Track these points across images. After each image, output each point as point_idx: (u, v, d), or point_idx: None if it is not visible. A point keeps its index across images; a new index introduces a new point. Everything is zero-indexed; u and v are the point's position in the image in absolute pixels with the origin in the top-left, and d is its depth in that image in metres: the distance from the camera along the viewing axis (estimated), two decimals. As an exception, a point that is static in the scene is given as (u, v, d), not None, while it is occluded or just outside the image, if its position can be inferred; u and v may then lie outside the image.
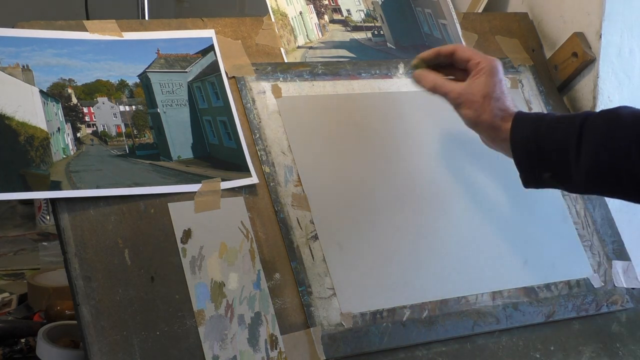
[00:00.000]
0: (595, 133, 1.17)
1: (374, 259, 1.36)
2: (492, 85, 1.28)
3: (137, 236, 1.23)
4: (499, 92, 1.28)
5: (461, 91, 1.30)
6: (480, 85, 1.28)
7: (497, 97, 1.28)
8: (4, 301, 1.78)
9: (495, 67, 1.29)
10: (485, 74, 1.29)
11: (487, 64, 1.29)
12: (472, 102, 1.29)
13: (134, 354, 1.16)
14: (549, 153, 1.21)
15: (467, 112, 1.30)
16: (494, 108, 1.27)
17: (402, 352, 1.31)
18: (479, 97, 1.28)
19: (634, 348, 1.46)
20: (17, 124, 1.22)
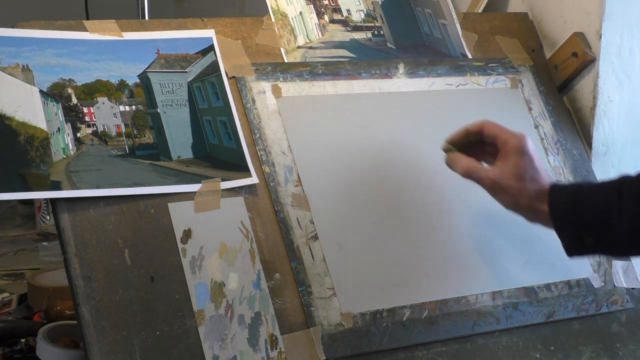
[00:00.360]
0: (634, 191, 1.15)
1: (374, 259, 1.36)
2: (523, 165, 1.24)
3: (137, 236, 1.23)
4: (531, 171, 1.24)
5: (494, 177, 1.26)
6: (511, 167, 1.24)
7: (530, 177, 1.24)
8: (4, 301, 1.78)
9: (524, 145, 1.25)
10: (514, 154, 1.25)
11: (514, 143, 1.25)
12: (507, 188, 1.25)
13: (134, 354, 1.16)
14: (590, 219, 1.18)
15: (503, 197, 1.26)
16: (529, 190, 1.24)
17: (402, 352, 1.31)
18: (512, 181, 1.24)
19: (634, 348, 1.47)
20: (17, 124, 1.22)
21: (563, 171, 1.58)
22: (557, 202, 1.22)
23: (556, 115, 1.63)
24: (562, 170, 1.58)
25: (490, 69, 1.62)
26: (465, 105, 1.56)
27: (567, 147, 1.60)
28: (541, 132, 1.60)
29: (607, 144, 1.66)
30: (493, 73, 1.62)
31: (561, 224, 1.21)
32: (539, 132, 1.60)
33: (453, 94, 1.57)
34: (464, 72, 1.59)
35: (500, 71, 1.63)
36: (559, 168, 1.58)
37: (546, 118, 1.62)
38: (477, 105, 1.57)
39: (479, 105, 1.58)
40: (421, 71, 1.56)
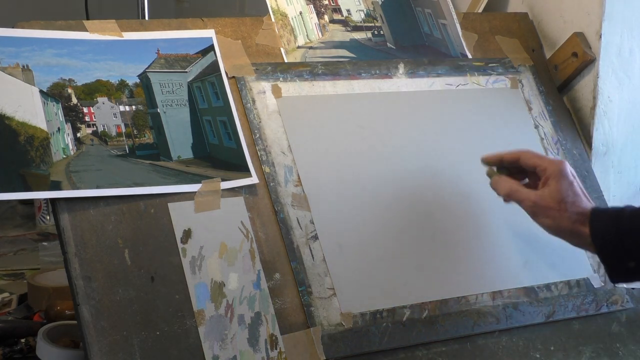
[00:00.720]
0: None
1: (374, 259, 1.36)
2: (564, 189, 1.25)
3: (137, 236, 1.23)
4: (572, 195, 1.25)
5: (535, 200, 1.26)
6: (552, 192, 1.25)
7: (571, 201, 1.25)
8: (4, 301, 1.78)
9: (563, 170, 1.26)
10: (554, 178, 1.26)
11: (553, 169, 1.26)
12: (548, 210, 1.25)
13: (134, 354, 1.16)
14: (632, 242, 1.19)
15: (544, 220, 1.27)
16: (571, 214, 1.24)
17: (402, 352, 1.31)
18: (553, 204, 1.25)
19: (634, 348, 1.46)
20: (17, 124, 1.22)
21: (563, 171, 1.57)
22: (598, 225, 1.22)
23: (556, 115, 1.63)
24: (562, 170, 1.57)
25: (490, 69, 1.62)
26: (466, 105, 1.56)
27: (567, 147, 1.60)
28: (541, 132, 1.60)
29: (607, 144, 1.66)
30: (493, 73, 1.62)
31: (603, 247, 1.21)
32: (539, 132, 1.60)
33: (453, 94, 1.57)
34: (464, 72, 1.59)
35: (500, 71, 1.63)
36: (559, 168, 1.57)
37: (546, 118, 1.62)
38: (477, 105, 1.57)
39: (479, 105, 1.58)
40: (421, 71, 1.56)
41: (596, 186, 1.59)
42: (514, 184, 1.30)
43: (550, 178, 1.26)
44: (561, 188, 1.25)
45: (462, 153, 1.51)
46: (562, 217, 1.25)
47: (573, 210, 1.24)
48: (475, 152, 1.52)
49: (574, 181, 1.26)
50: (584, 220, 1.23)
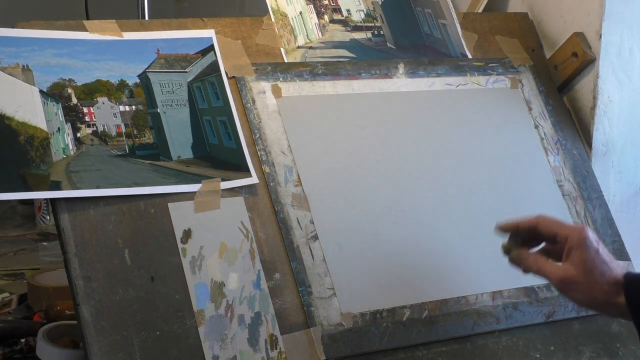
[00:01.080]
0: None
1: (374, 259, 1.36)
2: (590, 260, 1.18)
3: (137, 236, 1.23)
4: (600, 264, 1.18)
5: (562, 276, 1.19)
6: (578, 265, 1.18)
7: (600, 272, 1.17)
8: (4, 301, 1.78)
9: (585, 238, 1.19)
10: (578, 249, 1.19)
11: (576, 237, 1.19)
12: (577, 285, 1.18)
13: (134, 354, 1.16)
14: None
15: (576, 295, 1.20)
16: (602, 285, 1.17)
17: (402, 352, 1.31)
18: (581, 277, 1.18)
19: (634, 348, 1.46)
20: (17, 124, 1.22)
21: (563, 171, 1.58)
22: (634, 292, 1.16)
23: (556, 115, 1.63)
24: (562, 170, 1.58)
25: (490, 69, 1.62)
26: (465, 105, 1.56)
27: (567, 147, 1.60)
28: (541, 132, 1.60)
29: (607, 144, 1.66)
30: (493, 73, 1.62)
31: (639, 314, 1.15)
32: (539, 132, 1.60)
33: (453, 94, 1.57)
34: (464, 72, 1.59)
35: (500, 71, 1.63)
36: (559, 168, 1.58)
37: (546, 118, 1.62)
38: (477, 105, 1.57)
39: (479, 105, 1.58)
40: (421, 71, 1.56)
41: (596, 186, 1.59)
42: (538, 260, 1.23)
43: (574, 249, 1.19)
44: (587, 259, 1.18)
45: (462, 153, 1.51)
46: (592, 290, 1.18)
47: (603, 281, 1.17)
48: (475, 152, 1.52)
49: (599, 248, 1.19)
50: (616, 289, 1.17)
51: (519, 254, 1.24)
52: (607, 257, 1.19)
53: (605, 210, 1.58)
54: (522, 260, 1.24)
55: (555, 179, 1.56)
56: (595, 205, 1.57)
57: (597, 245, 1.19)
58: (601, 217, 1.56)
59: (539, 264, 1.22)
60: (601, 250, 1.19)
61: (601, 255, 1.19)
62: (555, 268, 1.21)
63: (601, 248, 1.19)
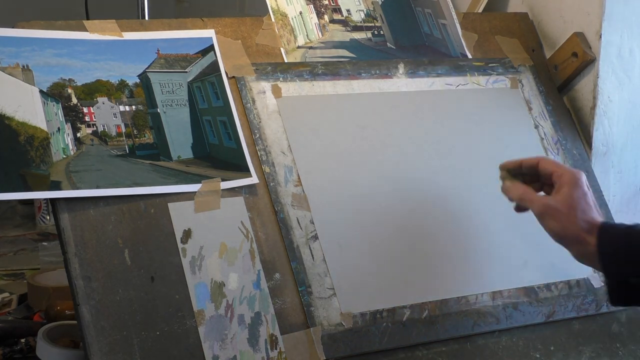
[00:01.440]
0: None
1: (374, 259, 1.36)
2: (576, 197, 1.24)
3: (137, 236, 1.23)
4: (584, 204, 1.24)
5: (546, 202, 1.25)
6: (565, 197, 1.24)
7: (582, 209, 1.23)
8: (4, 301, 1.78)
9: (579, 179, 1.25)
10: (568, 185, 1.24)
11: (569, 176, 1.25)
12: (557, 214, 1.24)
13: (134, 354, 1.16)
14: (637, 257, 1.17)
15: (552, 223, 1.25)
16: (579, 220, 1.22)
17: (402, 352, 1.31)
18: (564, 208, 1.23)
19: (634, 348, 1.46)
20: (17, 124, 1.22)
21: (563, 171, 1.57)
22: (607, 236, 1.20)
23: (556, 115, 1.63)
24: (562, 170, 1.57)
25: (490, 69, 1.62)
26: (465, 105, 1.56)
27: (567, 147, 1.60)
28: (541, 132, 1.60)
29: (607, 144, 1.66)
30: (493, 73, 1.62)
31: (608, 258, 1.19)
32: (539, 132, 1.60)
33: (453, 94, 1.57)
34: (464, 72, 1.59)
35: (500, 71, 1.63)
36: (559, 168, 1.57)
37: (546, 118, 1.62)
38: (477, 105, 1.57)
39: (479, 105, 1.58)
40: (421, 71, 1.56)
41: (596, 186, 1.59)
42: (526, 188, 1.29)
43: (565, 185, 1.25)
44: (574, 195, 1.23)
45: (462, 153, 1.51)
46: (570, 222, 1.23)
47: (582, 217, 1.22)
48: (475, 152, 1.52)
49: (588, 192, 1.25)
50: (591, 229, 1.22)
51: (509, 184, 1.30)
52: (592, 203, 1.25)
53: (605, 210, 1.58)
54: (512, 188, 1.30)
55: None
56: (595, 205, 1.57)
57: (588, 190, 1.25)
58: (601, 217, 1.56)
59: (525, 192, 1.28)
60: (590, 195, 1.25)
61: (588, 198, 1.24)
62: (540, 197, 1.27)
63: (590, 194, 1.25)
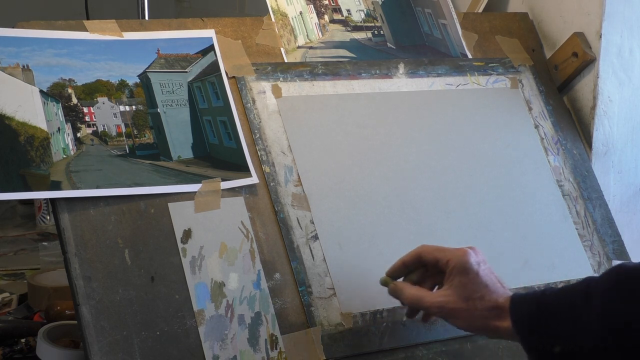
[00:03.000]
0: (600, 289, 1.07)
1: (374, 259, 1.36)
2: (469, 284, 1.16)
3: (137, 236, 1.23)
4: (478, 288, 1.16)
5: (441, 303, 1.17)
6: (458, 289, 1.16)
7: (479, 296, 1.15)
8: (4, 301, 1.78)
9: (466, 262, 1.17)
10: (457, 274, 1.17)
11: (455, 262, 1.17)
12: (457, 312, 1.16)
13: (134, 354, 1.16)
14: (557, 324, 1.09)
15: (456, 322, 1.18)
16: (482, 309, 1.15)
17: (402, 352, 1.31)
18: (460, 303, 1.16)
19: (634, 348, 1.46)
20: (17, 124, 1.22)
21: (563, 171, 1.58)
22: (520, 313, 1.13)
23: (556, 115, 1.63)
24: (562, 170, 1.58)
25: (490, 69, 1.62)
26: (465, 105, 1.56)
27: (567, 147, 1.60)
28: (541, 132, 1.60)
29: (607, 144, 1.66)
30: (493, 73, 1.62)
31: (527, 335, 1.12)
32: (539, 132, 1.60)
33: (453, 94, 1.57)
34: (464, 72, 1.59)
35: (500, 71, 1.63)
36: (559, 168, 1.58)
37: (546, 118, 1.62)
38: (477, 105, 1.57)
39: (479, 105, 1.58)
40: (421, 71, 1.56)
41: (596, 186, 1.59)
42: (415, 290, 1.20)
43: (454, 273, 1.17)
44: (466, 283, 1.16)
45: (462, 153, 1.51)
46: (472, 315, 1.15)
47: (482, 306, 1.15)
48: (475, 152, 1.52)
49: (479, 271, 1.16)
50: (500, 313, 1.14)
51: (395, 285, 1.23)
52: (489, 280, 1.17)
53: (605, 210, 1.58)
54: (400, 291, 1.22)
55: (555, 179, 1.56)
56: (595, 205, 1.57)
57: (478, 268, 1.17)
58: (601, 217, 1.56)
59: (415, 295, 1.20)
60: (482, 272, 1.17)
61: (481, 278, 1.16)
62: (433, 297, 1.19)
63: (482, 270, 1.17)
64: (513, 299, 1.15)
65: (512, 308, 1.14)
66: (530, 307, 1.13)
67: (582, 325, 1.07)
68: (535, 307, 1.12)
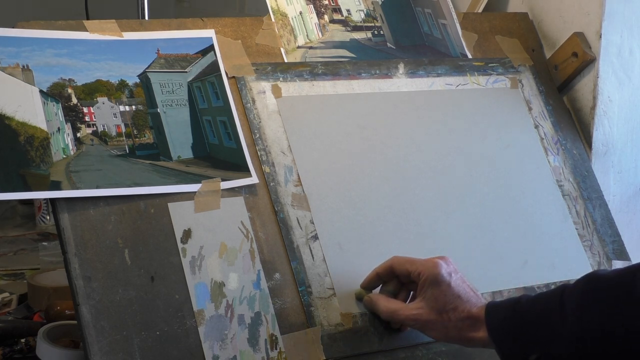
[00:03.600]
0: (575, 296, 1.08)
1: (374, 259, 1.35)
2: (441, 295, 1.16)
3: (137, 236, 1.23)
4: (451, 299, 1.16)
5: (415, 316, 1.18)
6: (430, 300, 1.17)
7: (452, 307, 1.16)
8: (4, 301, 1.78)
9: (437, 274, 1.17)
10: (429, 286, 1.17)
11: (427, 274, 1.18)
12: (431, 323, 1.17)
13: (134, 354, 1.16)
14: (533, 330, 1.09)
15: (431, 333, 1.19)
16: (456, 320, 1.15)
17: (402, 352, 1.31)
18: (433, 315, 1.17)
19: (634, 348, 1.46)
20: (17, 124, 1.22)
21: (563, 171, 1.58)
22: (496, 320, 1.13)
23: (556, 115, 1.63)
24: (562, 170, 1.58)
25: (490, 69, 1.62)
26: (465, 105, 1.56)
27: (567, 147, 1.60)
28: (541, 132, 1.60)
29: (607, 144, 1.66)
30: (493, 73, 1.62)
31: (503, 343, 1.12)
32: (539, 132, 1.60)
33: (453, 94, 1.57)
34: (464, 72, 1.59)
35: (500, 71, 1.63)
36: (559, 168, 1.58)
37: (546, 118, 1.62)
38: (477, 105, 1.57)
39: (479, 105, 1.58)
40: (421, 71, 1.56)
41: (596, 186, 1.59)
42: (390, 303, 1.22)
43: (426, 285, 1.18)
44: (438, 294, 1.16)
45: (462, 153, 1.51)
46: (446, 327, 1.16)
47: (455, 317, 1.16)
48: (475, 152, 1.52)
49: (451, 282, 1.17)
50: (472, 323, 1.15)
51: (370, 298, 1.25)
52: (461, 290, 1.17)
53: (605, 210, 1.58)
54: (374, 304, 1.24)
55: (555, 179, 1.56)
56: (595, 205, 1.57)
57: (450, 279, 1.17)
58: (601, 217, 1.56)
59: (389, 308, 1.22)
60: (454, 283, 1.17)
61: (453, 289, 1.17)
62: (407, 310, 1.20)
63: (454, 281, 1.17)
64: (488, 308, 1.15)
65: (488, 316, 1.14)
66: (506, 313, 1.13)
67: (557, 332, 1.07)
68: (511, 313, 1.12)
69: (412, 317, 1.19)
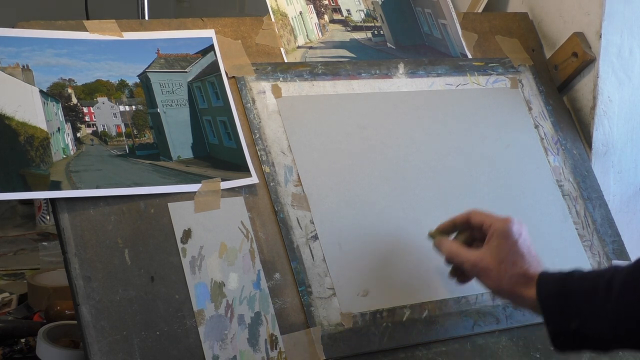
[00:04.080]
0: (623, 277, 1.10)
1: (374, 259, 1.36)
2: (505, 249, 1.21)
3: (137, 236, 1.23)
4: (513, 254, 1.21)
5: (475, 260, 1.23)
6: (494, 250, 1.22)
7: (512, 261, 1.21)
8: (4, 301, 1.78)
9: (508, 230, 1.22)
10: (497, 237, 1.23)
11: (498, 227, 1.23)
12: (488, 271, 1.22)
13: (134, 354, 1.16)
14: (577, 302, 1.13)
15: (485, 281, 1.24)
16: (512, 275, 1.20)
17: (402, 352, 1.31)
18: (493, 264, 1.21)
19: (634, 348, 1.46)
20: (17, 124, 1.22)
21: (563, 171, 1.58)
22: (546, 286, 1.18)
23: (556, 115, 1.63)
24: (562, 170, 1.58)
25: (490, 69, 1.62)
26: (465, 105, 1.56)
27: (567, 147, 1.60)
28: (541, 132, 1.60)
29: (607, 144, 1.66)
30: (493, 73, 1.62)
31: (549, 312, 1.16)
32: (539, 132, 1.60)
33: (453, 94, 1.57)
34: (464, 72, 1.59)
35: (500, 71, 1.63)
36: (559, 168, 1.58)
37: (546, 118, 1.62)
38: (477, 105, 1.57)
39: (479, 105, 1.58)
40: (421, 71, 1.56)
41: (596, 186, 1.59)
42: (454, 245, 1.28)
43: (494, 236, 1.23)
44: (503, 247, 1.21)
45: (462, 153, 1.51)
46: (501, 278, 1.21)
47: (513, 271, 1.20)
48: (475, 152, 1.52)
49: (518, 240, 1.22)
50: (527, 282, 1.19)
51: (439, 240, 1.30)
52: (525, 250, 1.22)
53: (605, 210, 1.58)
54: (441, 245, 1.30)
55: (555, 179, 1.56)
56: (595, 205, 1.57)
57: (518, 237, 1.22)
58: (601, 217, 1.56)
59: (454, 249, 1.28)
60: (521, 242, 1.22)
61: (519, 247, 1.22)
62: (469, 254, 1.25)
63: (522, 241, 1.22)
64: (542, 273, 1.20)
65: (540, 279, 1.19)
66: (557, 283, 1.17)
67: (598, 311, 1.11)
68: (561, 284, 1.16)
69: (472, 261, 1.24)
